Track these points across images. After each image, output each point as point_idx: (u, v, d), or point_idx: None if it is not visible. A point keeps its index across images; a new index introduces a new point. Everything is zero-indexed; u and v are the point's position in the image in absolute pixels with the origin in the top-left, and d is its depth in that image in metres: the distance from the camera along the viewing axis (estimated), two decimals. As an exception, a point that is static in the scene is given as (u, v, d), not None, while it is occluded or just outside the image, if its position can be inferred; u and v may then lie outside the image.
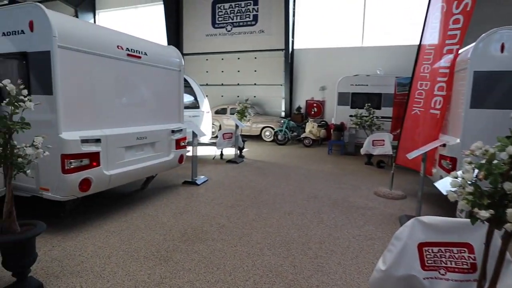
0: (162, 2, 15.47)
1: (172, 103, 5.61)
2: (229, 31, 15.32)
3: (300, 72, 14.63)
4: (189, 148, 6.37)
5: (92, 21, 17.01)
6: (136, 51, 4.59)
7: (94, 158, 3.91)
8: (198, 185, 6.10)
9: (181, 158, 5.70)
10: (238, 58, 15.47)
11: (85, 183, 3.80)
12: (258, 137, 13.40)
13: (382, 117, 9.89)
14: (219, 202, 5.12)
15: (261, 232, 3.98)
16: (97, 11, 17.49)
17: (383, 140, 7.58)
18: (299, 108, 14.43)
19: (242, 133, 11.01)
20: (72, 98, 3.70)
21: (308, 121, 12.52)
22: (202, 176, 6.56)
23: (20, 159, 2.50)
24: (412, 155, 4.26)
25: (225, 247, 3.56)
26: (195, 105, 9.47)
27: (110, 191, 5.26)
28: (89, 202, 4.72)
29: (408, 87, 5.51)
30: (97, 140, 3.94)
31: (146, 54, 4.79)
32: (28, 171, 2.60)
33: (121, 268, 3.07)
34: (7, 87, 2.42)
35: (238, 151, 9.14)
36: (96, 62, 4.00)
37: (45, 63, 3.52)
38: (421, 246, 2.04)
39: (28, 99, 2.56)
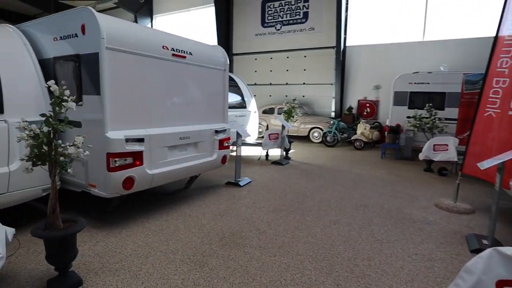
0: (213, 4, 15.78)
1: (216, 103, 5.56)
2: (278, 29, 15.11)
3: (352, 71, 13.88)
4: (234, 148, 6.30)
5: (149, 25, 17.99)
6: (181, 51, 4.59)
7: (137, 157, 3.96)
8: (241, 186, 5.98)
9: (224, 159, 5.63)
10: (287, 57, 15.18)
11: (128, 182, 3.87)
12: (306, 138, 12.99)
13: (446, 119, 8.88)
14: (261, 206, 4.93)
15: (303, 242, 3.70)
16: (154, 16, 18.46)
17: (447, 145, 6.75)
18: (350, 108, 13.69)
19: (289, 134, 10.73)
20: (118, 98, 3.78)
21: (359, 122, 11.79)
22: (246, 178, 6.43)
23: (62, 158, 2.55)
24: (485, 164, 3.63)
25: (264, 256, 3.35)
26: (241, 105, 9.43)
27: (155, 189, 5.37)
28: (135, 198, 4.85)
29: (479, 85, 4.78)
30: (141, 140, 3.99)
31: (191, 54, 4.77)
32: (69, 170, 2.65)
33: (157, 270, 3.03)
34: (51, 88, 2.48)
35: (284, 152, 8.89)
36: (142, 62, 4.05)
37: (94, 65, 3.64)
38: (500, 284, 1.61)
39: (71, 99, 2.60)
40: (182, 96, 4.84)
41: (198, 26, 17.16)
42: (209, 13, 16.45)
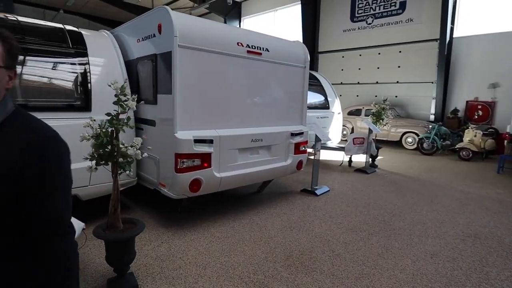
0: (300, 2, 15.34)
1: (293, 103, 5.12)
2: (369, 23, 13.80)
3: (459, 66, 11.76)
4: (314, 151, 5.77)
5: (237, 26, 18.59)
6: (257, 47, 4.29)
7: (205, 159, 3.81)
8: (317, 195, 5.42)
9: (299, 164, 5.16)
10: (379, 53, 13.75)
11: (195, 184, 3.74)
12: (397, 144, 11.53)
13: None
14: (338, 221, 4.31)
15: (387, 276, 3.00)
16: (242, 18, 19.00)
17: None
18: (455, 111, 11.61)
19: (377, 138, 9.60)
20: (188, 97, 3.68)
21: (468, 128, 9.84)
22: (324, 186, 5.84)
23: (121, 159, 2.48)
24: None
25: (336, 287, 2.79)
26: (324, 105, 8.79)
27: (226, 191, 5.23)
28: (204, 200, 4.77)
29: None
30: (210, 141, 3.83)
31: (267, 50, 4.44)
32: (128, 172, 2.57)
33: (213, 285, 2.76)
34: (112, 87, 2.41)
35: (370, 159, 7.92)
36: (215, 60, 3.88)
37: (167, 63, 3.60)
38: None
39: (133, 98, 2.51)
40: (256, 95, 4.55)
41: (283, 26, 16.98)
42: (295, 12, 16.09)
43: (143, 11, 4.60)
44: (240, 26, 18.98)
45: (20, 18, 3.97)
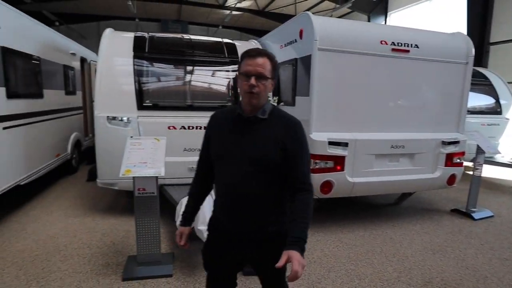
0: (467, -14, 12.88)
1: (448, 107, 4.38)
2: None
3: None
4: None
5: (382, 23, 17.25)
6: (404, 44, 3.90)
7: (338, 162, 3.74)
8: (475, 220, 4.46)
9: (451, 179, 4.38)
10: None
11: (326, 186, 3.73)
12: None
13: None
14: (503, 256, 3.43)
15: None
16: (388, 13, 17.50)
17: None
18: None
19: None
20: (325, 99, 3.70)
21: None
22: (485, 209, 4.75)
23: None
24: None
25: (489, 333, 2.25)
26: (494, 110, 7.14)
27: (358, 197, 4.98)
28: (332, 203, 4.68)
29: None
30: (345, 144, 3.74)
31: (416, 47, 3.97)
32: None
33: (336, 291, 2.71)
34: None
35: None
36: (354, 61, 3.76)
37: (306, 66, 3.73)
38: None
39: (273, 100, 2.72)
40: (400, 97, 4.14)
41: (442, 18, 14.65)
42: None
43: (287, 19, 4.90)
44: (385, 22, 17.56)
45: (192, 36, 4.92)
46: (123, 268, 2.91)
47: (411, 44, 3.94)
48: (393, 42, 3.85)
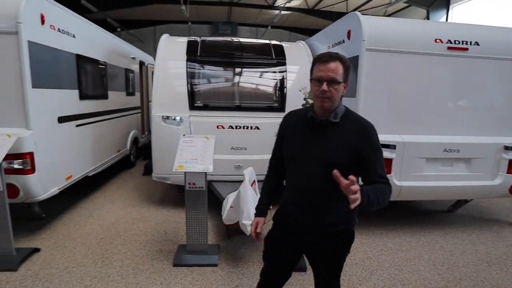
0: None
1: (512, 108, 4.03)
2: None
3: None
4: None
5: (443, 18, 16.04)
6: (461, 42, 3.68)
7: (386, 164, 3.64)
8: (542, 232, 4.06)
9: (515, 187, 4.03)
10: None
11: (371, 188, 3.66)
12: None
13: None
14: None
15: None
16: (451, 6, 16.22)
17: None
18: None
19: None
20: (372, 100, 3.64)
21: None
22: (555, 221, 4.29)
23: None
24: None
25: None
26: None
27: (407, 202, 4.78)
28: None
29: None
30: (392, 146, 3.64)
31: (476, 44, 3.72)
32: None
33: (378, 294, 2.68)
34: (301, 92, 2.75)
35: None
36: (405, 61, 3.64)
37: (354, 67, 3.69)
38: None
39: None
40: (456, 98, 3.91)
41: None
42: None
43: (338, 17, 4.85)
44: (447, 17, 16.31)
45: (241, 39, 5.12)
46: (173, 255, 3.17)
47: (470, 42, 3.70)
48: (449, 40, 3.65)
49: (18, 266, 2.92)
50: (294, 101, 4.36)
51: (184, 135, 3.51)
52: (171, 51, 4.63)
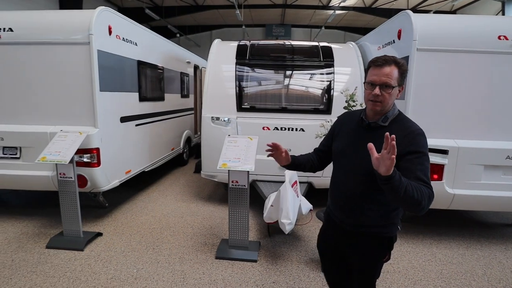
0: None
1: None
2: None
3: None
4: None
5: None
6: (529, 38, 3.32)
7: (436, 170, 3.45)
8: None
9: None
10: None
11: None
12: None
13: None
14: None
15: None
16: (532, -1, 14.36)
17: None
18: None
19: None
20: (423, 103, 3.46)
21: None
22: None
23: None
24: None
25: None
26: None
27: (462, 210, 4.42)
28: (434, 214, 4.28)
29: None
30: (444, 152, 3.42)
31: (545, 40, 3.33)
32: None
33: (421, 306, 2.56)
34: (343, 94, 2.74)
35: None
36: (461, 60, 3.40)
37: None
38: None
39: (361, 104, 2.74)
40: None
41: None
42: None
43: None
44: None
45: (288, 42, 5.18)
46: (216, 248, 3.36)
47: (539, 38, 3.32)
48: (515, 37, 3.33)
49: (84, 247, 3.35)
50: (341, 103, 4.25)
51: (229, 135, 3.70)
52: (222, 55, 4.87)
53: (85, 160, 3.62)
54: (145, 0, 15.75)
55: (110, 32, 3.89)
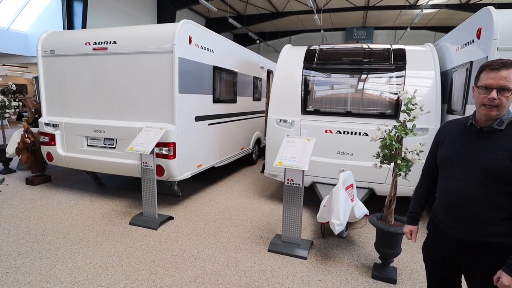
0: None
1: None
2: None
3: None
4: None
5: None
6: None
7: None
8: None
9: None
10: None
11: None
12: None
13: None
14: None
15: None
16: None
17: None
18: None
19: None
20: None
21: None
22: None
23: (399, 161, 2.70)
24: None
25: None
26: None
27: None
28: None
29: None
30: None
31: None
32: (403, 174, 2.72)
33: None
34: (401, 97, 2.66)
35: None
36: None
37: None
38: None
39: (420, 108, 2.62)
40: None
41: None
42: None
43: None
44: None
45: (364, 45, 5.09)
46: (270, 242, 3.55)
47: None
48: None
49: (158, 227, 3.89)
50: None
51: (288, 135, 3.85)
52: (290, 60, 5.05)
53: (163, 152, 4.19)
54: (229, 10, 16.96)
55: (190, 41, 4.43)
